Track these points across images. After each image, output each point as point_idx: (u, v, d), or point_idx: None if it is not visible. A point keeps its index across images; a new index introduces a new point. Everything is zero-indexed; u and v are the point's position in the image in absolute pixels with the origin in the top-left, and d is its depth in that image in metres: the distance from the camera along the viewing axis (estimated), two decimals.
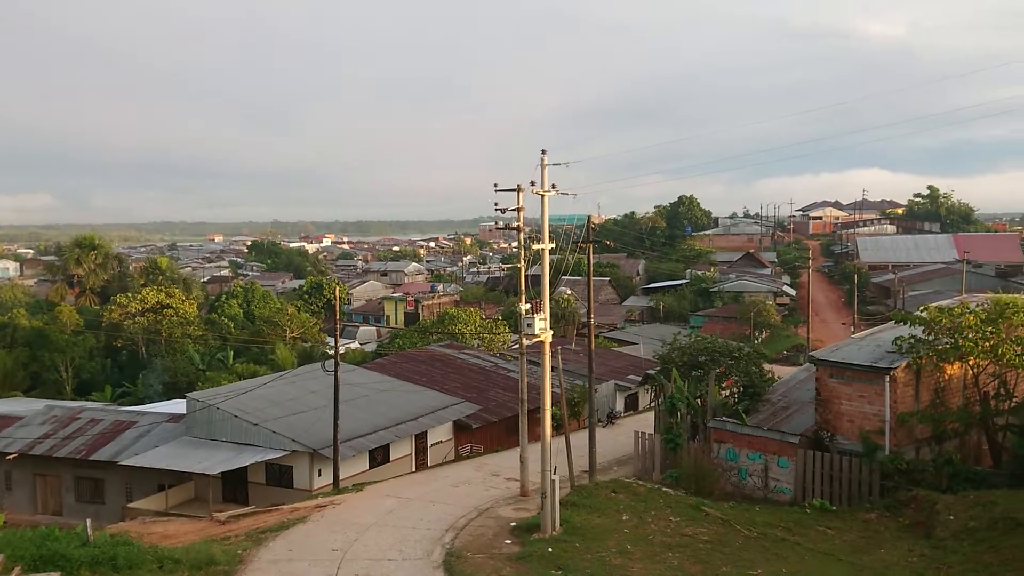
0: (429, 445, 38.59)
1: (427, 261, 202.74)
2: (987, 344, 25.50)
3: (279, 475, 33.90)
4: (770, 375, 33.30)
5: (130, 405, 53.02)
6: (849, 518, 23.76)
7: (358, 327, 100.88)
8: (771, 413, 29.74)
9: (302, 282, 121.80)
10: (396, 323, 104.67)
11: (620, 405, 48.62)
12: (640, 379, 49.54)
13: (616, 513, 23.01)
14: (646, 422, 37.06)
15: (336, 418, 31.41)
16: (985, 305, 26.97)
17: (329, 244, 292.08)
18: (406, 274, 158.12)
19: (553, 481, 21.66)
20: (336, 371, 32.38)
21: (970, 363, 26.41)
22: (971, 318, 25.79)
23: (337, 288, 55.62)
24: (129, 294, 79.61)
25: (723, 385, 32.89)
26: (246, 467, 33.22)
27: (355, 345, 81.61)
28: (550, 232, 24.76)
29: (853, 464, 25.40)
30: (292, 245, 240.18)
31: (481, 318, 71.33)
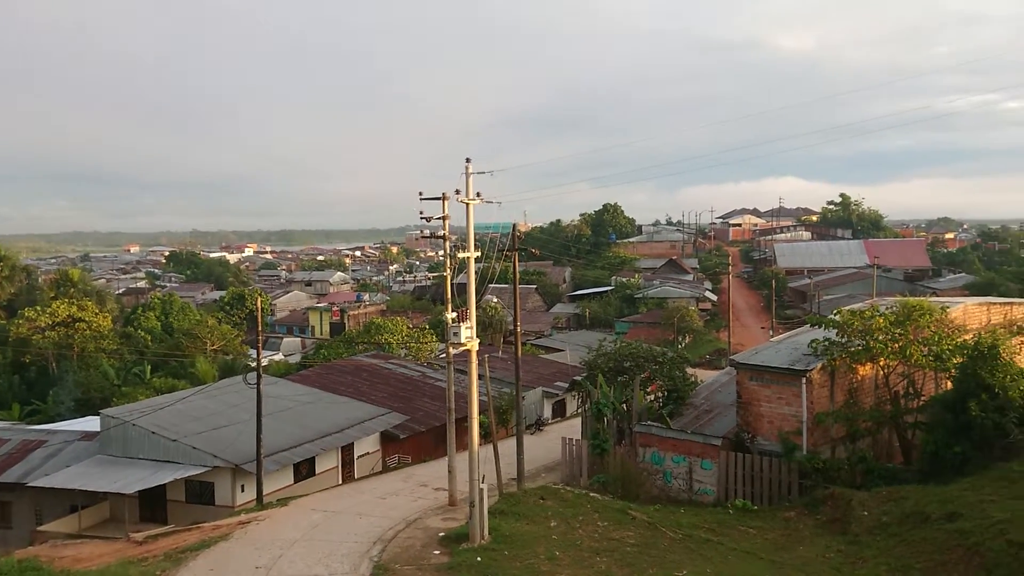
0: (356, 457, 38.06)
1: (353, 270, 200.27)
2: (896, 345, 26.62)
3: (200, 492, 32.93)
4: (693, 379, 33.96)
5: (40, 423, 50.73)
6: (770, 517, 24.40)
7: (282, 338, 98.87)
8: (694, 416, 30.34)
9: (223, 293, 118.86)
10: (321, 334, 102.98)
11: (548, 412, 48.88)
12: (567, 385, 49.89)
13: (544, 520, 23.10)
14: (574, 428, 37.33)
15: (259, 432, 30.70)
16: (894, 308, 28.14)
17: (251, 254, 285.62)
18: (331, 284, 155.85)
19: (481, 490, 21.62)
20: (259, 384, 31.66)
21: (881, 364, 27.50)
22: (881, 321, 26.88)
23: (260, 299, 54.52)
24: (38, 307, 76.21)
25: (648, 390, 33.40)
26: (165, 485, 32.16)
27: (279, 357, 79.95)
28: (476, 240, 24.78)
29: (773, 464, 26.13)
30: (213, 255, 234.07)
31: (408, 327, 70.86)
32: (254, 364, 34.37)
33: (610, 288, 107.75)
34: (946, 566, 18.51)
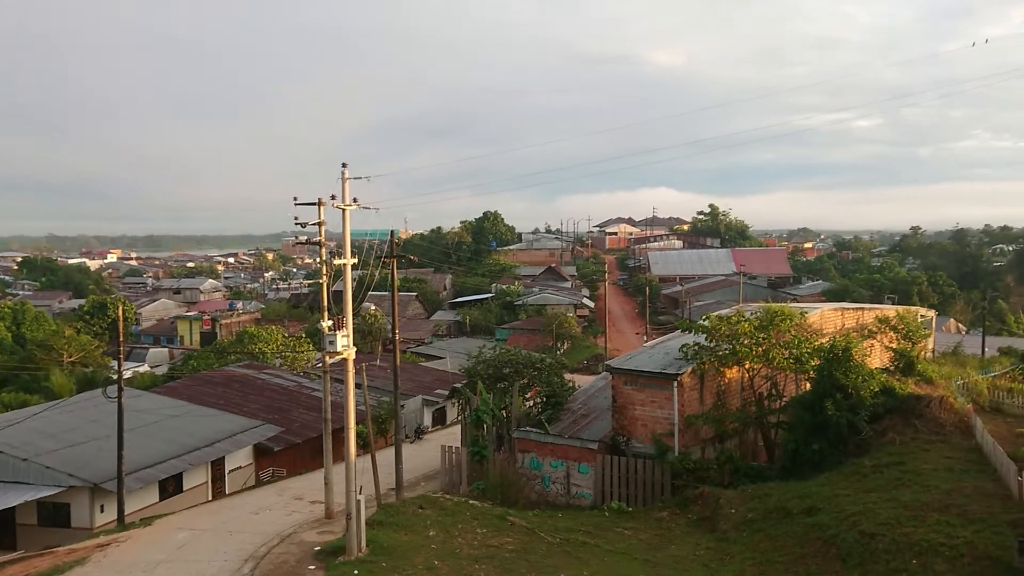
0: (227, 471, 36.56)
1: (225, 278, 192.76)
2: (760, 349, 27.95)
3: (54, 514, 30.76)
4: (571, 384, 34.51)
5: None
6: (644, 518, 25.07)
7: (148, 349, 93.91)
8: (572, 421, 30.83)
9: (83, 301, 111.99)
10: (191, 344, 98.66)
11: (428, 420, 48.56)
12: (448, 393, 49.75)
13: (423, 529, 22.88)
14: (454, 436, 37.22)
15: (120, 448, 29.01)
16: (758, 313, 29.55)
17: (115, 260, 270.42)
18: (202, 292, 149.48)
19: (358, 501, 21.19)
20: (120, 397, 29.92)
21: (746, 367, 28.80)
22: (746, 326, 28.16)
23: (123, 307, 51.56)
24: None
25: (527, 396, 33.71)
26: (14, 508, 29.87)
27: (144, 368, 75.95)
28: (354, 247, 24.33)
29: (647, 466, 26.87)
30: (71, 261, 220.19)
31: (284, 336, 68.82)
32: (116, 376, 32.48)
33: (491, 295, 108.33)
34: (806, 558, 19.53)
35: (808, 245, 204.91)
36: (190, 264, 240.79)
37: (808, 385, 27.87)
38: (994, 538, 17.33)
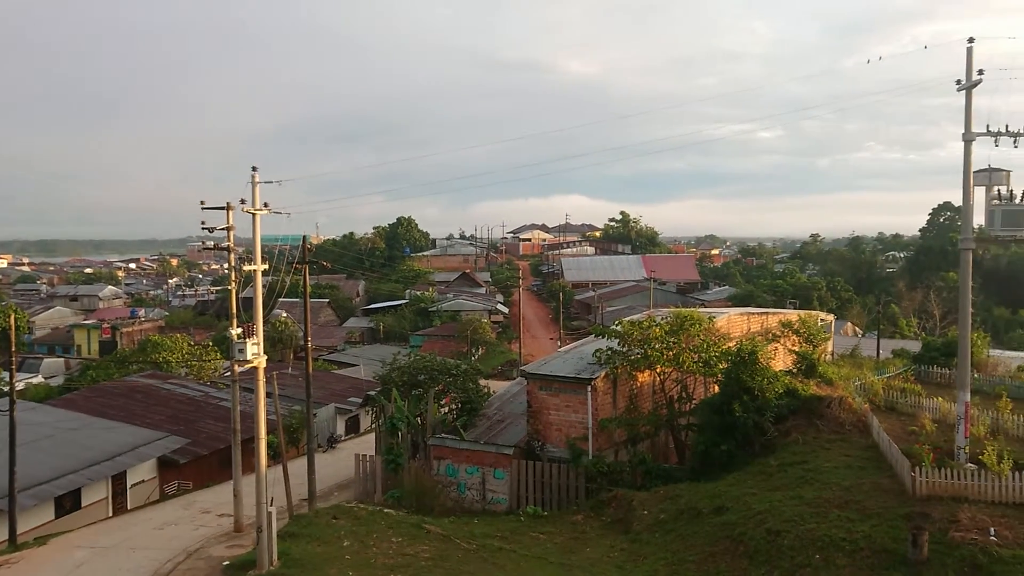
0: (129, 486, 35.11)
1: (127, 284, 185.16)
2: (671, 353, 28.59)
3: None
4: (486, 390, 34.56)
5: None
6: (559, 521, 25.26)
7: (42, 359, 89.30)
8: (487, 427, 30.86)
9: None
10: (89, 353, 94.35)
11: (341, 428, 47.81)
12: (361, 401, 49.10)
13: (337, 540, 22.45)
14: (368, 444, 36.75)
15: (12, 464, 27.51)
16: (668, 318, 30.22)
17: (5, 266, 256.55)
18: (101, 299, 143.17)
19: (269, 513, 20.65)
20: (12, 410, 28.40)
21: (658, 370, 29.42)
22: (657, 331, 28.77)
23: (13, 315, 48.93)
24: None
25: (442, 402, 33.58)
26: None
27: (38, 379, 72.20)
28: (264, 253, 23.77)
29: (561, 470, 27.10)
30: None
31: (189, 344, 66.60)
32: (7, 388, 30.78)
33: (405, 301, 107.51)
34: (715, 556, 20.03)
35: (715, 252, 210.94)
36: (88, 270, 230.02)
37: (716, 388, 28.63)
38: (890, 531, 18.16)
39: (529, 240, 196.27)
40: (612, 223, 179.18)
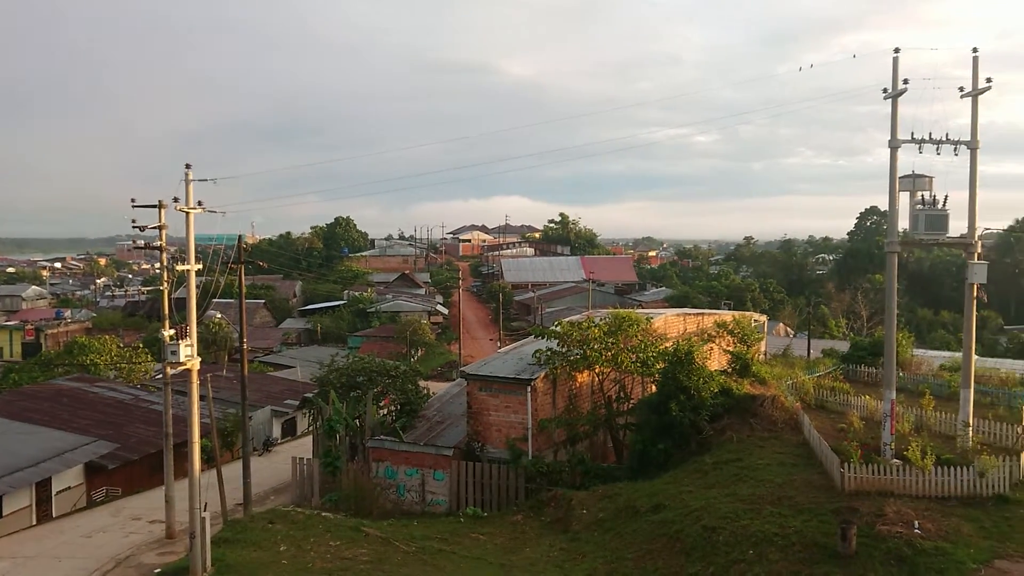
0: (54, 493, 33.86)
1: (52, 284, 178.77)
2: (609, 353, 28.90)
3: None
4: (426, 391, 34.39)
5: None
6: (499, 522, 25.30)
7: None
8: (427, 428, 30.72)
9: None
10: (11, 356, 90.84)
11: (278, 431, 47.01)
12: (298, 403, 48.39)
13: (274, 544, 22.09)
14: (305, 447, 36.24)
15: None
16: (607, 319, 30.55)
17: None
18: (24, 299, 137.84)
19: (203, 518, 20.21)
20: None
21: (596, 371, 29.70)
22: (596, 331, 29.04)
23: None
24: None
25: (381, 404, 33.30)
26: None
27: None
28: (198, 252, 23.28)
29: (501, 471, 27.15)
30: None
31: (119, 346, 64.67)
32: None
33: (343, 302, 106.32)
34: (653, 554, 20.32)
35: (652, 253, 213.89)
36: (10, 269, 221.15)
37: (654, 387, 29.02)
38: (820, 526, 18.68)
39: (469, 241, 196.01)
40: (552, 224, 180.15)
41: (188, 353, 21.65)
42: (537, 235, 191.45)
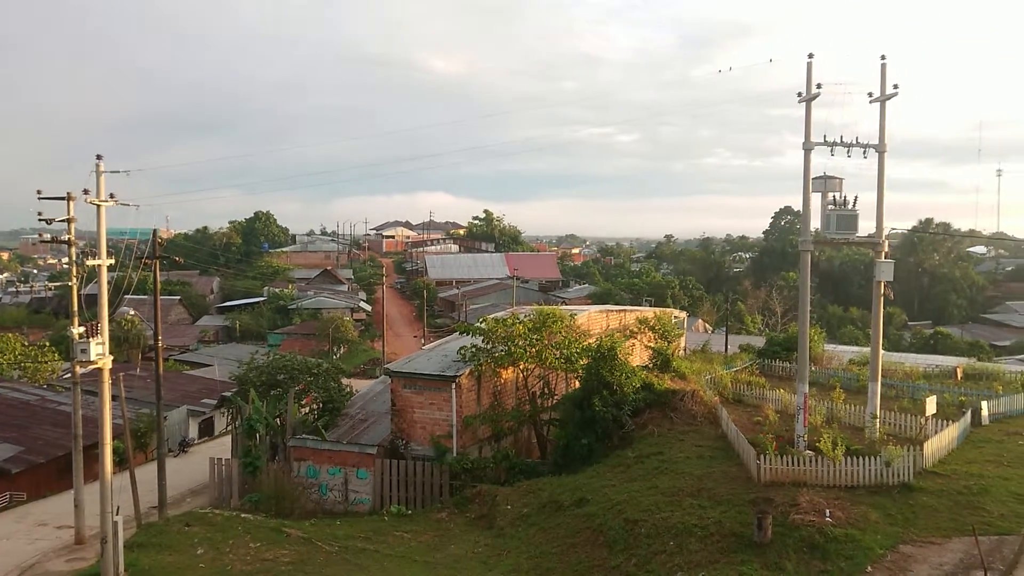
0: None
1: None
2: (534, 350, 29.10)
3: None
4: (349, 389, 33.98)
5: None
6: (423, 519, 25.20)
7: None
8: (350, 427, 30.36)
9: None
10: None
11: (194, 432, 45.69)
12: (216, 402, 47.19)
13: (190, 548, 21.50)
14: (224, 447, 35.38)
15: None
16: (531, 316, 30.73)
17: None
18: None
19: (115, 523, 19.50)
20: None
21: (521, 367, 29.86)
22: (521, 328, 29.20)
23: None
24: None
25: (303, 402, 32.75)
26: None
27: None
28: (110, 246, 22.43)
29: (426, 468, 27.05)
30: None
31: (23, 345, 61.78)
32: None
33: (263, 299, 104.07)
34: (576, 547, 20.56)
35: (575, 251, 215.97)
36: None
37: (577, 383, 29.35)
38: (738, 516, 19.21)
39: (393, 237, 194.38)
40: (476, 221, 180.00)
41: (99, 351, 20.85)
42: (462, 232, 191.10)
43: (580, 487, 23.45)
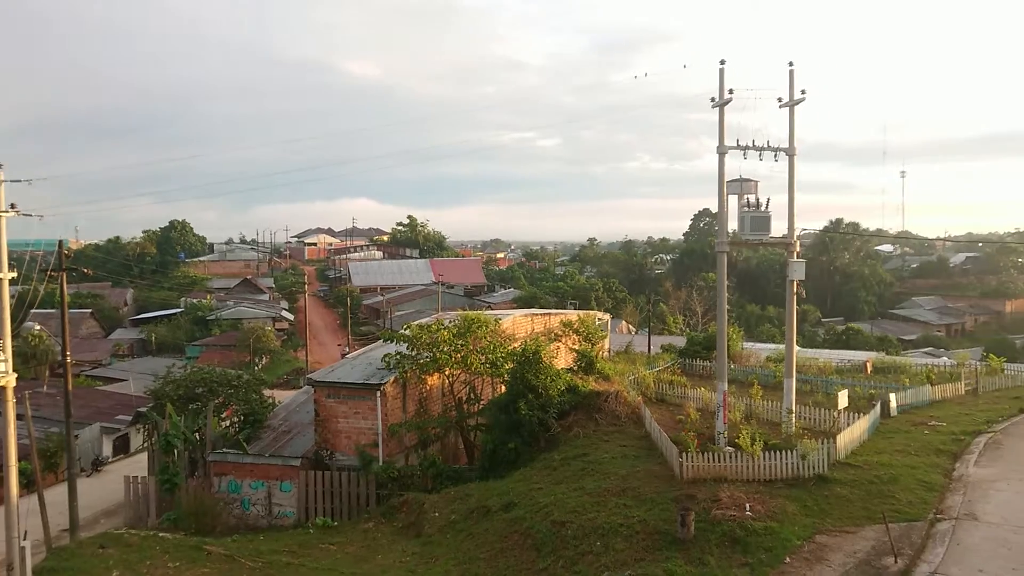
0: None
1: None
2: (459, 355, 29.05)
3: None
4: (271, 401, 33.32)
5: None
6: (350, 530, 24.83)
7: None
8: (273, 439, 29.74)
9: None
10: None
11: (108, 450, 44.03)
12: (131, 419, 45.55)
13: (105, 571, 20.65)
14: (140, 465, 34.22)
15: None
16: (456, 321, 30.68)
17: None
18: None
19: (23, 548, 18.63)
20: None
21: (447, 373, 29.77)
22: (445, 334, 29.11)
23: None
24: None
25: (223, 416, 31.95)
26: None
27: None
28: (12, 259, 21.44)
29: (351, 478, 26.68)
30: None
31: None
32: None
33: (180, 310, 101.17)
34: (505, 552, 20.56)
35: (500, 255, 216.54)
36: None
37: (503, 388, 29.43)
38: (662, 514, 19.54)
39: (315, 244, 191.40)
40: (400, 227, 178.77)
41: (2, 369, 19.90)
42: (385, 238, 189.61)
43: (507, 491, 23.48)
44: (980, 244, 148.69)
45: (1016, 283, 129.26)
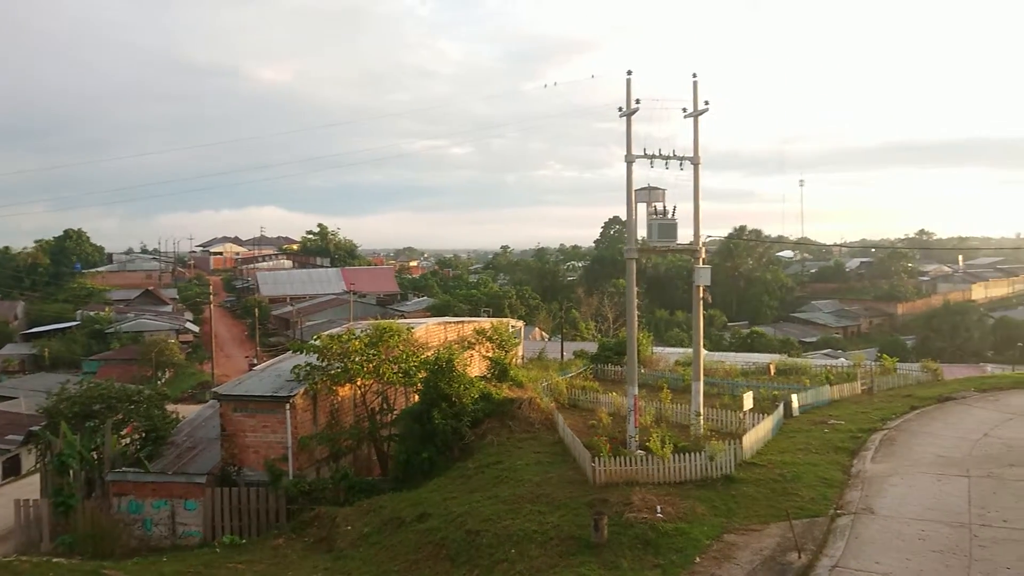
0: None
1: None
2: (371, 365, 28.64)
3: None
4: (175, 416, 32.12)
5: None
6: (259, 548, 24.10)
7: None
8: (176, 456, 28.65)
9: None
10: None
11: None
12: (22, 438, 43.23)
13: None
14: (33, 487, 32.40)
15: None
16: (368, 331, 30.26)
17: None
18: None
19: None
20: None
21: (359, 383, 29.31)
22: (357, 343, 28.66)
23: None
24: None
25: (123, 433, 30.58)
26: None
27: None
28: None
29: (260, 494, 25.93)
30: None
31: None
32: None
33: (76, 323, 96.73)
34: (419, 563, 20.32)
35: (413, 263, 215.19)
36: None
37: (416, 397, 29.16)
38: (576, 519, 19.68)
39: (221, 254, 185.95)
40: (310, 236, 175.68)
41: None
42: (295, 247, 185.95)
43: (421, 502, 23.25)
44: (873, 249, 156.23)
45: (907, 286, 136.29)
